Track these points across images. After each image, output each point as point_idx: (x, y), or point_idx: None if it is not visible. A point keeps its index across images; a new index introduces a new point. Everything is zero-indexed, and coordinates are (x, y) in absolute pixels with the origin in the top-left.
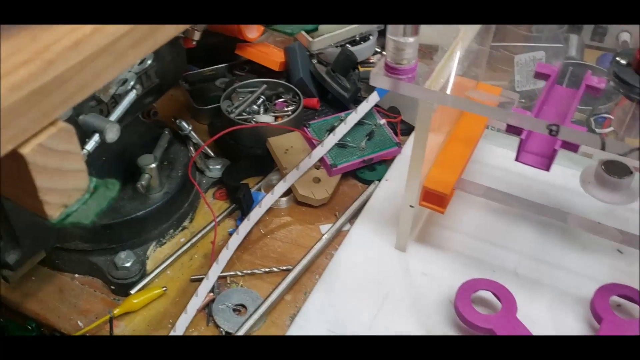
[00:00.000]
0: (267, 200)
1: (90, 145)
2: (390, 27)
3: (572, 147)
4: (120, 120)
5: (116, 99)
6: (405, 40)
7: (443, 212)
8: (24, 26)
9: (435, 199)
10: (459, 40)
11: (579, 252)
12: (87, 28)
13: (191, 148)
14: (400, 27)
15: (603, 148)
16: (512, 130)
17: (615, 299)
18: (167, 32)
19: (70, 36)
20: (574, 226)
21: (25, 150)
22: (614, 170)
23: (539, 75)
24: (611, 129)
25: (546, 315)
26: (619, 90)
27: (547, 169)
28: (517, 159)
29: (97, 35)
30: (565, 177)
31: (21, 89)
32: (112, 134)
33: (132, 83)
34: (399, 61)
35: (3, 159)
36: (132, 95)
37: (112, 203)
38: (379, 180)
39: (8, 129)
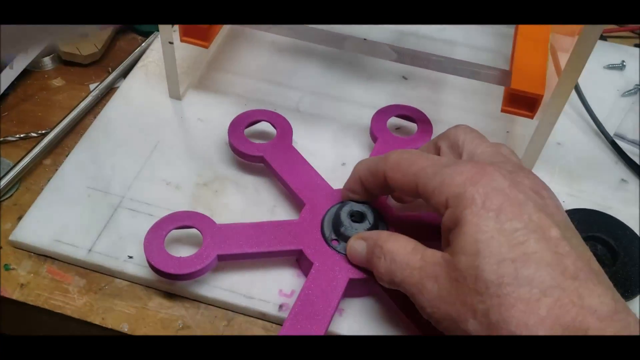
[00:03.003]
0: None
1: None
2: None
3: None
4: None
5: None
6: None
7: (207, 47)
8: None
9: (196, 32)
10: None
11: (364, 82)
12: None
13: None
14: None
15: None
16: None
17: (396, 121)
18: None
19: None
20: (349, 50)
21: None
22: None
23: None
24: None
25: (329, 147)
26: None
27: None
28: None
29: None
30: None
31: None
32: None
33: None
34: None
35: None
36: None
37: None
38: None
39: None
